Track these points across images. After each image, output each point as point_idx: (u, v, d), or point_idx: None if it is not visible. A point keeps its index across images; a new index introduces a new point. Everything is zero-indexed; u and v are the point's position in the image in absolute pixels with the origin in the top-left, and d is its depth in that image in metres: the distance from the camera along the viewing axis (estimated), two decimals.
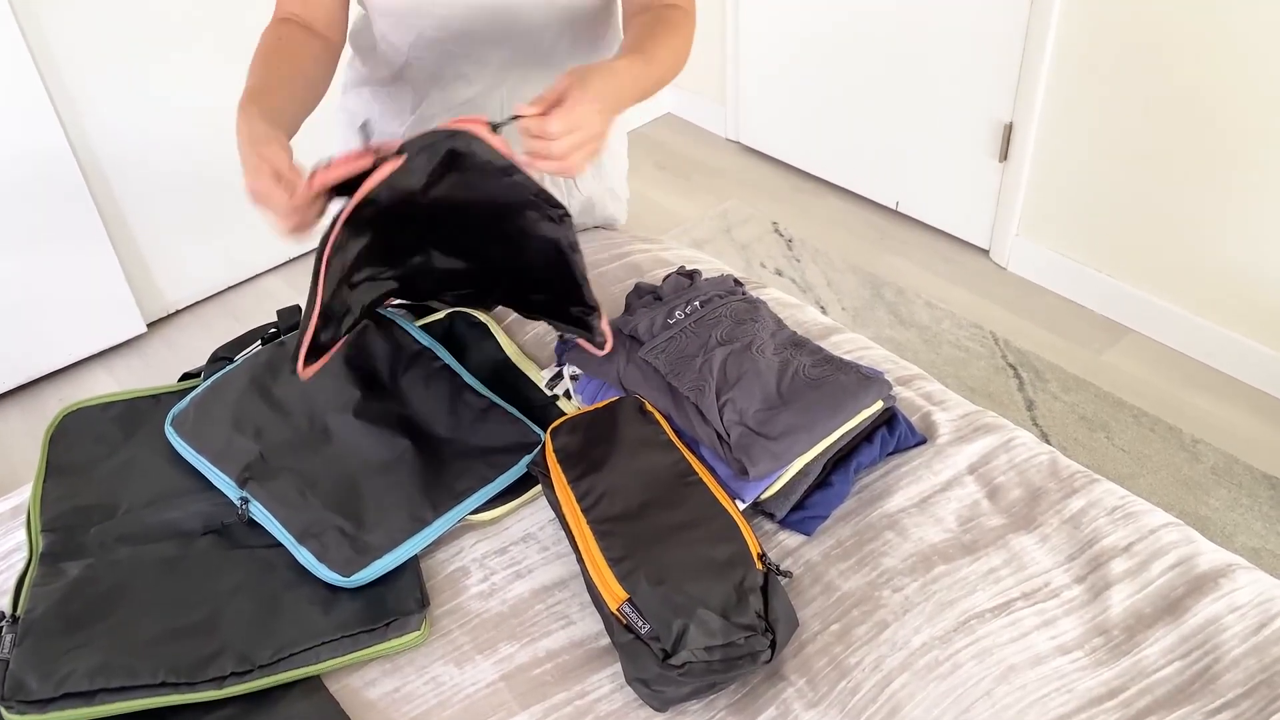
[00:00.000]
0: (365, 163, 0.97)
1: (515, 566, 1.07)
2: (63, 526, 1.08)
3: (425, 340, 1.25)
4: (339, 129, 1.42)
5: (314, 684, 0.96)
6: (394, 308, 1.32)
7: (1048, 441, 1.95)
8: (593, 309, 1.13)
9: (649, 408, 1.16)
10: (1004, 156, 2.64)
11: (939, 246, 2.86)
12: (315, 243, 0.98)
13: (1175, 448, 2.19)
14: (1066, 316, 2.59)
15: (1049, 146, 2.53)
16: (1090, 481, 1.13)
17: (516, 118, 0.98)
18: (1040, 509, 1.10)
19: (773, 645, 0.93)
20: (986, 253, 2.81)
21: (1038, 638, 0.97)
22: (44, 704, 0.90)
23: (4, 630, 0.96)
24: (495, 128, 0.98)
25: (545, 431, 1.16)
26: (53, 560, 1.04)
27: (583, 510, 1.04)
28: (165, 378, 2.51)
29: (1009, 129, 2.59)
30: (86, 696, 0.91)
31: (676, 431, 1.14)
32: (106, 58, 2.34)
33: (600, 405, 1.17)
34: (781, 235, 2.95)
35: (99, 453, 1.18)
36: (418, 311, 1.33)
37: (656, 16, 1.20)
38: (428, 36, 1.23)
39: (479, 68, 1.26)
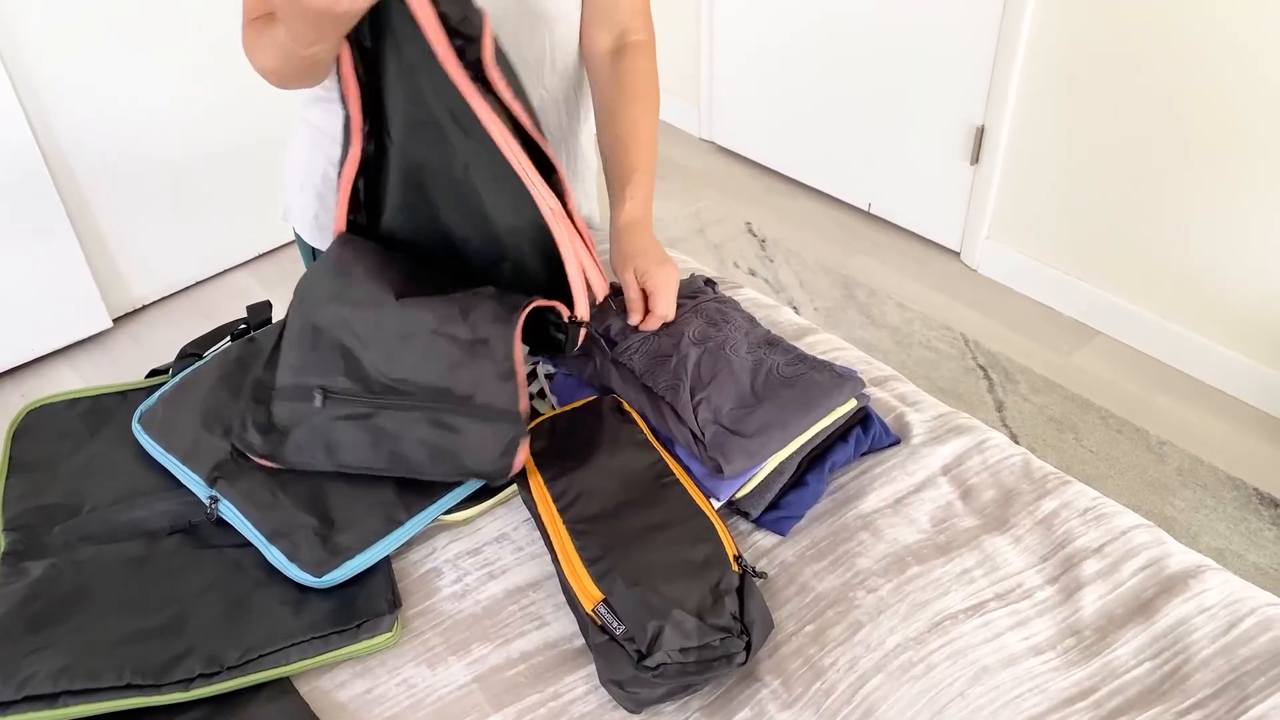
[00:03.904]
0: None
1: (489, 567, 1.06)
2: (25, 525, 1.06)
3: None
4: (299, 140, 1.39)
5: (284, 686, 0.95)
6: None
7: (1017, 443, 1.96)
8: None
9: (626, 407, 1.15)
10: (975, 159, 2.66)
11: (911, 248, 2.88)
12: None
13: (1142, 449, 2.21)
14: (1036, 319, 2.61)
15: (1020, 150, 2.55)
16: (1062, 483, 1.14)
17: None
18: (1013, 510, 1.11)
19: (748, 647, 0.93)
20: (957, 255, 2.84)
21: (1011, 638, 0.98)
22: (5, 707, 0.88)
23: None
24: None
25: None
26: (15, 560, 1.02)
27: (559, 510, 1.03)
28: (132, 374, 2.48)
29: (980, 132, 2.61)
30: (49, 699, 0.89)
31: (652, 431, 1.13)
32: (71, 44, 2.30)
33: (577, 404, 1.16)
34: (755, 236, 2.96)
35: (63, 450, 1.15)
36: None
37: (632, 79, 1.29)
38: None
39: None
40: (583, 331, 1.14)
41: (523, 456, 1.04)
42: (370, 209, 1.18)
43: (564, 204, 1.11)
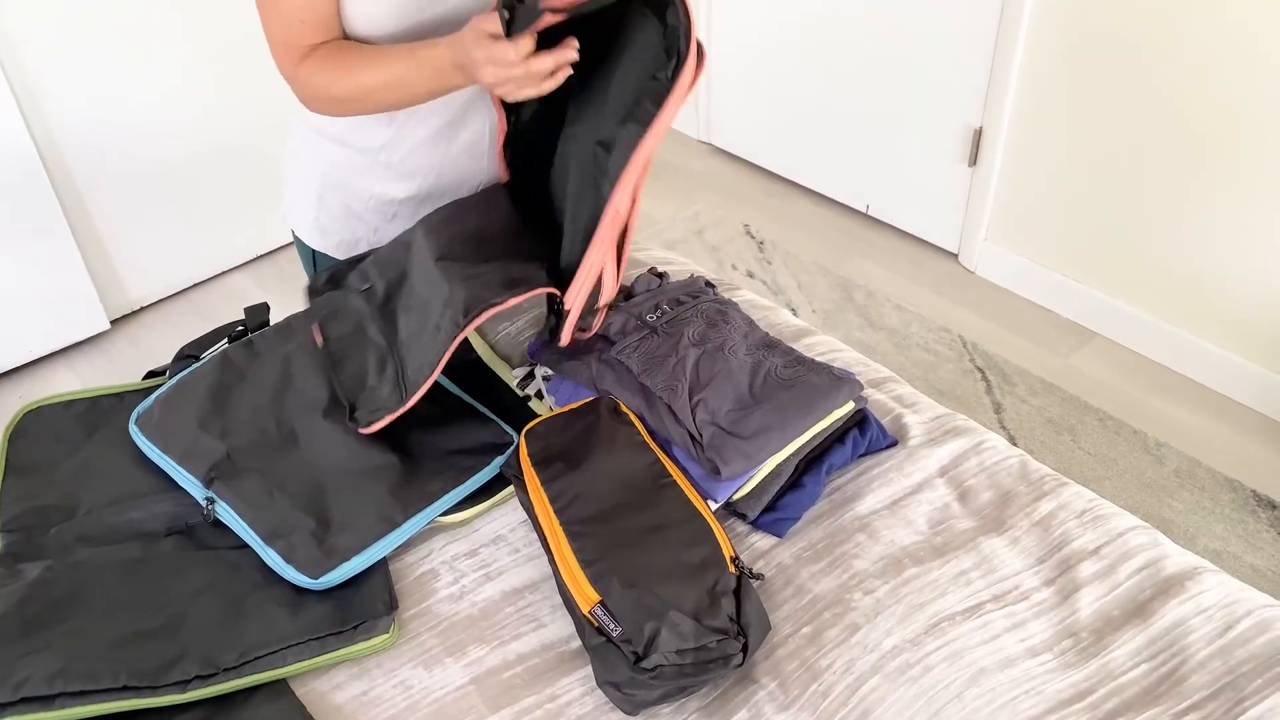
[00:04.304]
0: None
1: (485, 569, 1.06)
2: (22, 527, 1.06)
3: None
4: (297, 142, 1.37)
5: (280, 687, 0.95)
6: None
7: (1014, 444, 1.96)
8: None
9: (624, 409, 1.15)
10: (974, 161, 2.66)
11: (909, 250, 2.88)
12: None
13: (1140, 451, 2.21)
14: (1034, 321, 2.61)
15: (1018, 152, 2.55)
16: (1060, 485, 1.14)
17: None
18: (1010, 512, 1.11)
19: (745, 649, 0.92)
20: (955, 257, 2.83)
21: (1008, 640, 0.98)
22: (1, 709, 0.88)
23: None
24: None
25: (518, 432, 1.15)
26: (11, 561, 1.02)
27: (555, 512, 1.03)
28: (129, 376, 2.48)
29: (979, 134, 2.61)
30: (45, 701, 0.89)
31: (649, 432, 1.13)
32: (69, 45, 2.30)
33: (575, 406, 1.16)
34: (753, 237, 2.96)
35: (60, 452, 1.15)
36: None
37: None
38: None
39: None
40: (565, 326, 1.13)
41: (372, 430, 1.10)
42: (519, 170, 1.28)
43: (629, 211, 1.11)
